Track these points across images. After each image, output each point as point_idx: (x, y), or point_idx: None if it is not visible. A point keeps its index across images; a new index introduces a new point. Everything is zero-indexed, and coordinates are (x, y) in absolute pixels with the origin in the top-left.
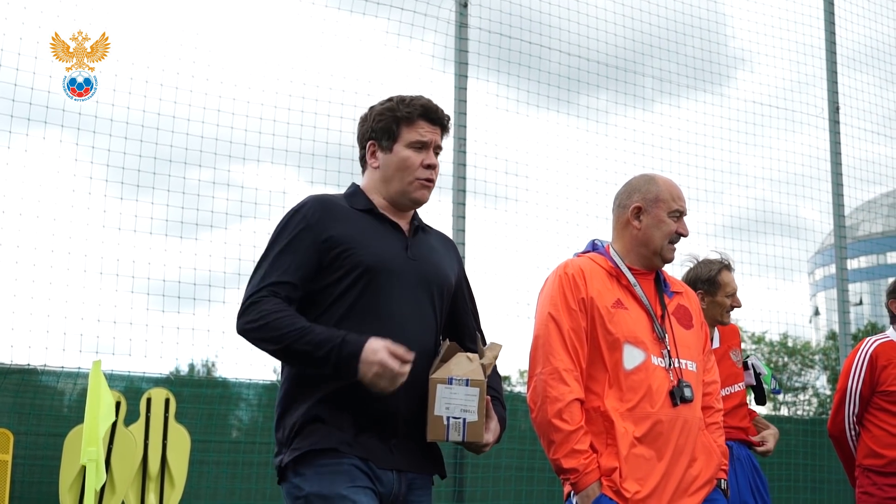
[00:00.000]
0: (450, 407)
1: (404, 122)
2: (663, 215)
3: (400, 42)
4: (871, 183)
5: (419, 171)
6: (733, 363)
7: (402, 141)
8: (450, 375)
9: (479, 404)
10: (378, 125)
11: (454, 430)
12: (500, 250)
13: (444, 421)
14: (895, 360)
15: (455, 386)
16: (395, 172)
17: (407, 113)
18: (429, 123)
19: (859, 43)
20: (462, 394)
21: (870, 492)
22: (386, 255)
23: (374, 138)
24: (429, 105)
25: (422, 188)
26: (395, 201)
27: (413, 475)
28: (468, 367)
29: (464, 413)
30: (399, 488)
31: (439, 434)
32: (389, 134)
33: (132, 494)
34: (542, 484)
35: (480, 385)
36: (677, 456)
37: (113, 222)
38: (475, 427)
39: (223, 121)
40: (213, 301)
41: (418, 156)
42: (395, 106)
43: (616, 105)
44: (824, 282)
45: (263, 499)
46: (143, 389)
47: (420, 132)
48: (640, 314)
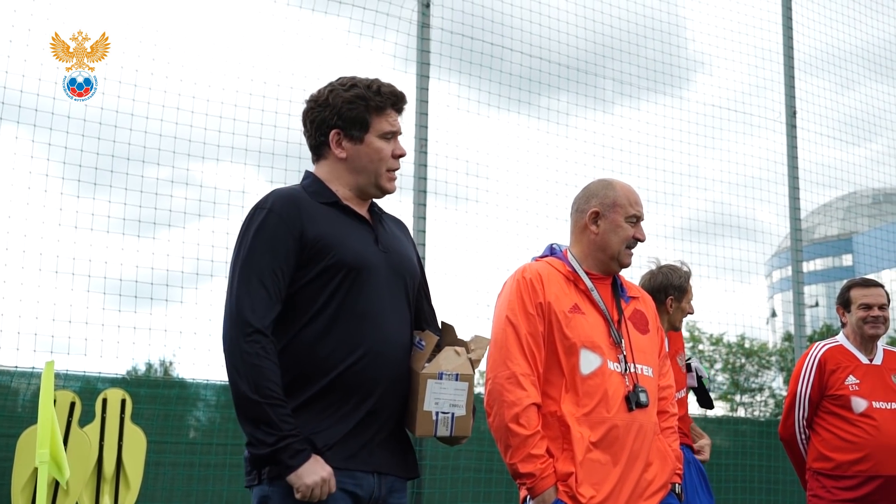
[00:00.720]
0: (439, 402)
1: (375, 111)
2: (621, 220)
3: (361, 42)
4: (826, 187)
5: (390, 161)
6: (679, 368)
7: (374, 132)
8: (440, 370)
9: (468, 398)
10: (349, 114)
11: (442, 425)
12: (460, 251)
13: (434, 416)
14: (843, 364)
15: (445, 381)
16: (367, 164)
17: (379, 102)
18: (395, 112)
19: (816, 48)
20: (452, 389)
21: (819, 494)
22: (363, 252)
23: (340, 127)
24: (397, 93)
25: (392, 179)
26: (363, 191)
27: (393, 478)
28: (457, 362)
29: (452, 408)
30: (379, 492)
31: (428, 429)
32: (361, 123)
33: (86, 496)
34: (500, 485)
35: (469, 379)
36: (633, 461)
37: (69, 220)
38: (463, 421)
39: (182, 119)
40: (171, 301)
41: (389, 146)
42: (364, 94)
43: (576, 107)
44: (781, 284)
45: (220, 500)
46: (98, 390)
47: (390, 121)
48: (596, 319)
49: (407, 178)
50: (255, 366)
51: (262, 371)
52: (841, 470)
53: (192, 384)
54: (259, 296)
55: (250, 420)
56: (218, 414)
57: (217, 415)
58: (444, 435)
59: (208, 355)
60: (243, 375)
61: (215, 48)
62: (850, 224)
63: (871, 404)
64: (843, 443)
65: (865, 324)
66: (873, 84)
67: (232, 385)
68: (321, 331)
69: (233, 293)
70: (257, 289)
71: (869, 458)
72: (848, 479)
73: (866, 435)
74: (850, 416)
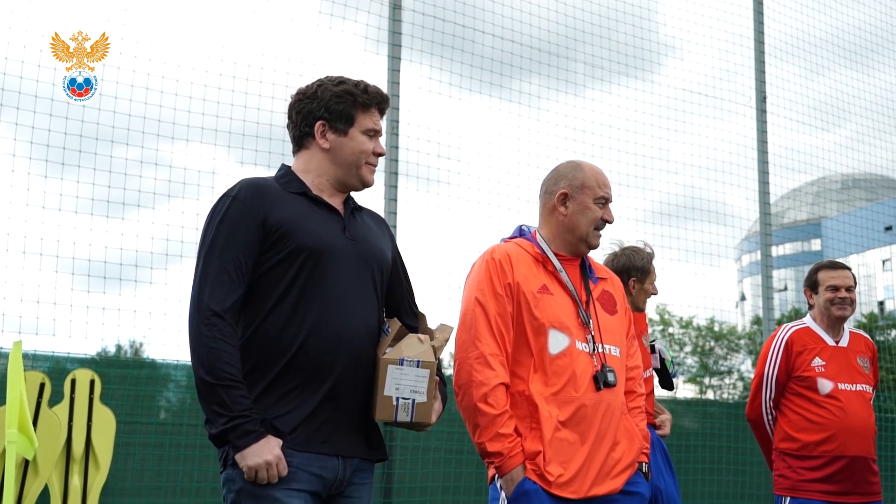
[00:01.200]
0: (399, 387)
1: (361, 108)
2: (589, 202)
3: (333, 22)
4: (796, 171)
5: (370, 157)
6: (645, 349)
7: (359, 127)
8: (401, 356)
9: (429, 385)
10: (336, 107)
11: (402, 411)
12: (431, 233)
13: (394, 401)
14: (810, 346)
15: (406, 367)
16: (349, 156)
17: (366, 100)
18: (379, 113)
19: (787, 34)
20: (413, 375)
21: (785, 474)
22: (326, 237)
23: (326, 119)
24: (383, 95)
25: (371, 173)
26: (342, 182)
27: (357, 460)
28: (419, 349)
29: (413, 394)
30: (343, 474)
31: (387, 414)
32: (347, 118)
33: (55, 476)
34: (471, 466)
35: (431, 367)
36: (600, 440)
37: (37, 200)
38: (424, 408)
39: (152, 98)
40: (140, 281)
41: (370, 143)
42: (353, 91)
43: (548, 90)
44: (750, 268)
45: (191, 480)
46: (67, 370)
47: (374, 120)
48: (565, 300)
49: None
50: (211, 348)
51: (218, 353)
52: (807, 450)
53: (162, 364)
54: (219, 280)
55: (205, 401)
56: (188, 394)
57: (188, 395)
58: (405, 420)
59: (178, 336)
60: (200, 358)
61: (185, 27)
62: (818, 209)
63: (836, 386)
64: (809, 423)
65: (833, 305)
66: (843, 70)
67: (193, 367)
68: (282, 315)
69: (196, 279)
70: (218, 274)
71: (834, 439)
72: (813, 458)
73: (832, 416)
74: (816, 397)
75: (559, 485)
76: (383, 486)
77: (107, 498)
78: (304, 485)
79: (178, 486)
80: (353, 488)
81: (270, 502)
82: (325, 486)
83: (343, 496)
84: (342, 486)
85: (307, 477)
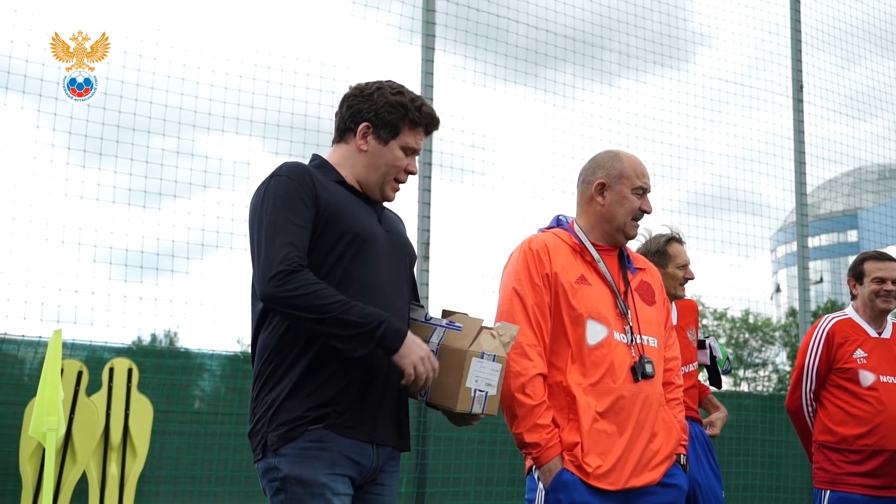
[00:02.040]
0: (478, 380)
1: (410, 124)
2: (627, 192)
3: (367, 13)
4: (832, 162)
5: (401, 174)
6: (689, 342)
7: (400, 141)
8: (482, 350)
9: (500, 379)
10: (385, 114)
11: (477, 403)
12: (465, 224)
13: (472, 393)
14: (852, 337)
15: (485, 360)
16: (381, 166)
17: (416, 118)
18: (425, 134)
19: (823, 22)
20: (489, 368)
21: (825, 467)
22: (368, 225)
23: (372, 122)
24: (435, 118)
25: (395, 190)
26: (367, 187)
27: (389, 449)
28: (494, 344)
29: (487, 387)
30: (377, 461)
31: (466, 405)
32: (393, 129)
33: (94, 464)
34: (504, 457)
35: (503, 361)
36: (638, 431)
37: (75, 191)
38: (493, 401)
39: (188, 90)
40: (177, 271)
41: (405, 160)
42: (408, 105)
43: (581, 79)
44: (786, 259)
45: (225, 469)
46: (105, 359)
47: (417, 140)
48: (603, 290)
49: None
50: (308, 294)
51: (317, 293)
52: (846, 444)
53: (197, 354)
54: (286, 249)
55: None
56: (223, 384)
57: (222, 385)
58: (478, 412)
59: (213, 326)
60: (308, 309)
61: (221, 19)
62: (855, 200)
63: (878, 378)
64: (849, 417)
65: (878, 297)
66: (879, 59)
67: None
68: None
69: (261, 254)
70: (283, 244)
71: (875, 433)
72: (853, 453)
73: (872, 409)
74: (857, 389)
75: (597, 476)
76: (417, 476)
77: (143, 486)
78: (346, 470)
79: (213, 474)
80: (383, 476)
81: (318, 488)
82: (360, 473)
83: (375, 483)
84: (374, 474)
85: (349, 463)
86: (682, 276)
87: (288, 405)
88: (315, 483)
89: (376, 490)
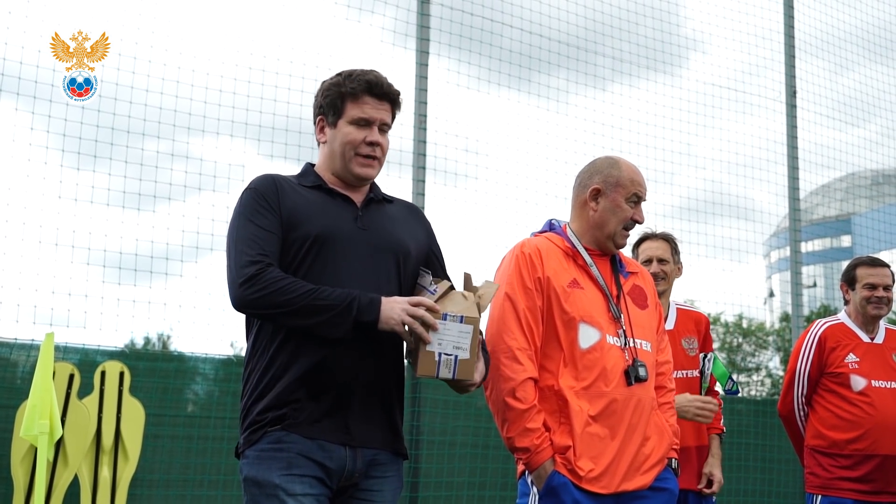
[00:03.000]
0: (442, 343)
1: (349, 97)
2: (621, 200)
3: (361, 16)
4: (825, 167)
5: (361, 147)
6: (683, 351)
7: (346, 117)
8: (444, 312)
9: (472, 342)
10: (325, 101)
11: (445, 367)
12: (458, 228)
13: (436, 357)
14: (844, 342)
15: (449, 322)
16: (338, 148)
17: (351, 88)
18: (375, 99)
19: (816, 28)
20: (455, 330)
21: (816, 472)
22: (333, 225)
23: (322, 114)
24: (374, 80)
25: (364, 165)
26: (342, 177)
27: (373, 451)
28: (463, 305)
29: (456, 350)
30: (353, 465)
31: (429, 370)
32: (335, 110)
33: (85, 468)
34: (497, 461)
35: (475, 322)
36: (630, 435)
37: (69, 193)
38: (466, 365)
39: (182, 92)
40: (171, 274)
41: (361, 132)
42: (340, 81)
43: (575, 84)
44: (779, 264)
45: (218, 472)
46: (97, 362)
47: (364, 108)
48: (595, 294)
49: (406, 154)
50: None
51: (285, 287)
52: (837, 448)
53: (190, 357)
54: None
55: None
56: (216, 388)
57: (215, 388)
58: (447, 376)
59: (207, 329)
60: (278, 306)
61: (214, 21)
62: (848, 205)
63: (869, 383)
64: (841, 421)
65: (869, 304)
66: (872, 65)
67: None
68: None
69: (229, 264)
70: (246, 250)
71: (866, 437)
72: (844, 457)
73: (864, 414)
74: (849, 394)
75: (589, 480)
76: (410, 480)
77: (135, 489)
78: (305, 470)
79: (206, 478)
80: (371, 481)
81: (271, 489)
82: (329, 475)
83: (361, 489)
84: (354, 478)
85: (308, 463)
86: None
87: (253, 409)
88: (268, 484)
89: (363, 496)
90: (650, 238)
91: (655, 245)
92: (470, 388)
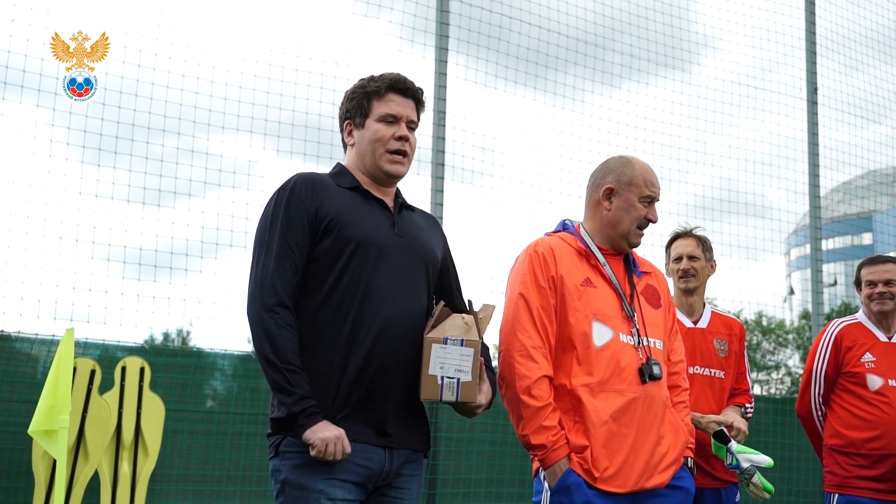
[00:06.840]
0: (444, 366)
1: (374, 96)
2: (634, 200)
3: (380, 13)
4: (846, 164)
5: (390, 143)
6: (714, 350)
7: (374, 115)
8: (444, 335)
9: (474, 364)
10: (351, 104)
11: (448, 390)
12: (475, 226)
13: (438, 380)
14: (860, 341)
15: (450, 345)
16: (367, 146)
17: (376, 87)
18: (399, 96)
19: (837, 24)
20: (457, 353)
21: (834, 471)
22: (374, 231)
23: (349, 117)
24: (397, 77)
25: (394, 161)
26: (373, 176)
27: (406, 452)
28: (463, 328)
29: (458, 373)
30: (390, 466)
31: (433, 393)
32: (362, 110)
33: (105, 463)
34: (514, 458)
35: (475, 345)
36: (645, 433)
37: (89, 189)
38: (469, 387)
39: (202, 89)
40: (190, 270)
41: (389, 129)
42: (365, 83)
43: (590, 82)
44: (799, 262)
45: (237, 468)
46: (117, 358)
47: (390, 105)
48: (608, 293)
49: (426, 151)
50: (277, 335)
51: (283, 341)
52: (854, 447)
53: (209, 353)
54: (280, 269)
55: (274, 383)
56: (235, 384)
57: (234, 384)
58: (450, 400)
59: (226, 325)
60: (267, 344)
61: (229, 17)
62: (869, 202)
63: (886, 382)
64: (858, 420)
65: (871, 301)
66: (893, 62)
67: (257, 354)
68: (330, 307)
69: (255, 268)
70: (278, 263)
71: (883, 437)
72: (862, 456)
73: (881, 413)
74: (865, 393)
75: (605, 479)
76: (428, 477)
77: (155, 484)
78: (348, 475)
79: (225, 473)
80: (402, 479)
81: (315, 494)
82: (370, 478)
83: (392, 487)
84: (390, 478)
85: (352, 467)
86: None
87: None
88: (311, 489)
89: (394, 493)
90: (681, 236)
91: (686, 242)
92: (476, 410)
